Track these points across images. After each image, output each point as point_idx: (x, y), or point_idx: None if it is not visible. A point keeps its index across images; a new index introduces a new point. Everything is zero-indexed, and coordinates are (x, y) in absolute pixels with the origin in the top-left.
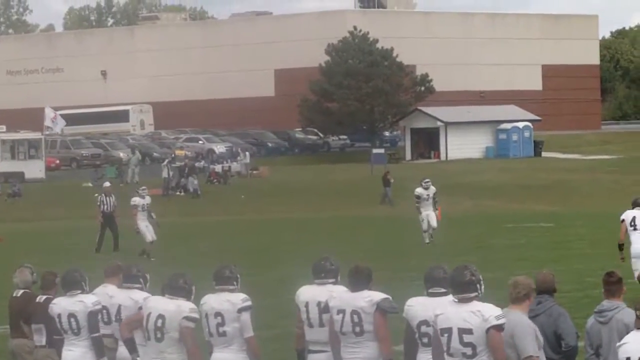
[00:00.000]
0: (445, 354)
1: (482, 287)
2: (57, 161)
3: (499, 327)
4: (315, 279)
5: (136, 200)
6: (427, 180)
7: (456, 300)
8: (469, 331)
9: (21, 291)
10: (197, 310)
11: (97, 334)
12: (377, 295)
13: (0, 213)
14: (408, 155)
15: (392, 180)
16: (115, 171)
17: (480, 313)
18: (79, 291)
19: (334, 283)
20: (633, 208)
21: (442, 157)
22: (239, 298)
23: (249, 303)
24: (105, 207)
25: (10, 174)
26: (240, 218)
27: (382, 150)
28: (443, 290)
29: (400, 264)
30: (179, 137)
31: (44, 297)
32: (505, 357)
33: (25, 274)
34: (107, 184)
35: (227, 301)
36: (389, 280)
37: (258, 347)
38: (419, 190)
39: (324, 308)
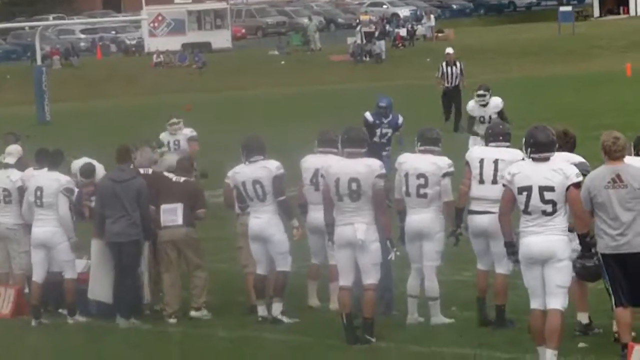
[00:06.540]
0: (523, 212)
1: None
2: (243, 30)
3: (578, 185)
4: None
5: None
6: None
7: (535, 158)
8: (551, 189)
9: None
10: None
11: (283, 197)
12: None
13: (189, 83)
14: (596, 12)
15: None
16: (300, 38)
17: (562, 171)
18: (262, 157)
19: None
20: None
21: (632, 12)
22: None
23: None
24: (446, 79)
25: (198, 44)
26: (424, 83)
27: (569, 8)
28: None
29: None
30: (362, 2)
31: (182, 178)
32: (583, 210)
33: (147, 152)
34: (449, 49)
35: (433, 164)
36: None
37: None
38: (471, 105)
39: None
